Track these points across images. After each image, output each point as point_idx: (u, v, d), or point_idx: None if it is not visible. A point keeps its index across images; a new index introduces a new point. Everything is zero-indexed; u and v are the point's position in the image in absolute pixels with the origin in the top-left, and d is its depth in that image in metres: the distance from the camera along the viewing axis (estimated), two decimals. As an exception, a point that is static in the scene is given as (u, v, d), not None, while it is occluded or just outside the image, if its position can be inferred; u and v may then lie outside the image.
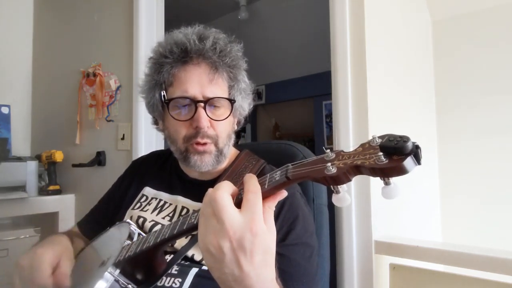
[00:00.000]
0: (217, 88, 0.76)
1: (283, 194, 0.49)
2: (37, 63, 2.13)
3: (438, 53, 1.71)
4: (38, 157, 1.82)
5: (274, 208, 0.49)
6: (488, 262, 0.92)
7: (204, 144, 0.75)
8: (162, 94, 0.77)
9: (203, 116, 0.73)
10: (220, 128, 0.77)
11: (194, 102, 0.74)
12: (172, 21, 1.29)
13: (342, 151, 0.44)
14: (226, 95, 0.78)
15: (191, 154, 0.76)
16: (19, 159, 1.75)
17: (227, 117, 0.77)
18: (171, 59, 0.76)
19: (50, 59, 2.06)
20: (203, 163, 0.76)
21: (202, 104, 0.74)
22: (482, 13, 1.61)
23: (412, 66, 1.55)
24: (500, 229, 1.50)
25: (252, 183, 0.47)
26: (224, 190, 0.46)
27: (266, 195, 0.47)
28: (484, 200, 1.56)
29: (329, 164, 0.42)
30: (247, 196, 0.45)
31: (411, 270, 1.05)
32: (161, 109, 0.80)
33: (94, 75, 1.74)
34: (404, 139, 0.38)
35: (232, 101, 0.78)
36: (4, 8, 2.05)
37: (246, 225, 0.44)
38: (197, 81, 0.74)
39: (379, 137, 0.41)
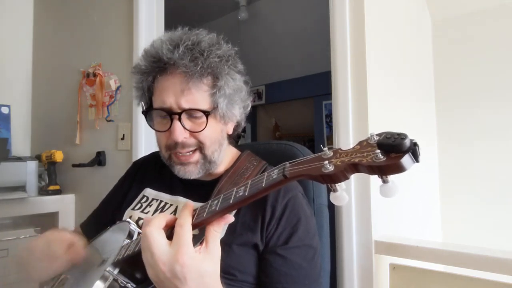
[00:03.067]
0: (193, 97, 0.71)
1: (229, 219, 0.54)
2: (37, 63, 2.13)
3: (438, 53, 1.71)
4: (38, 157, 1.82)
5: (220, 231, 0.54)
6: (488, 262, 0.92)
7: (188, 154, 0.74)
8: (141, 104, 0.77)
9: (178, 129, 0.71)
10: (203, 137, 0.74)
11: (169, 114, 0.72)
12: (172, 21, 1.29)
13: (340, 149, 0.44)
14: (206, 103, 0.72)
15: (173, 163, 0.76)
16: (19, 159, 1.75)
17: (204, 128, 0.73)
18: (148, 70, 0.75)
19: (50, 59, 2.06)
20: (187, 173, 0.76)
21: (177, 116, 0.71)
22: (482, 13, 1.60)
23: (412, 66, 1.55)
24: (500, 229, 1.50)
25: (181, 216, 0.52)
26: (153, 226, 0.52)
27: (260, 194, 0.48)
28: (484, 200, 1.56)
29: (326, 162, 0.41)
30: (176, 229, 0.51)
31: (411, 270, 1.05)
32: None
33: (94, 75, 1.74)
34: (402, 136, 0.37)
35: (206, 113, 0.72)
36: (4, 9, 2.05)
37: (174, 257, 0.49)
38: (172, 92, 0.72)
39: (377, 135, 0.41)
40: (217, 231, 0.53)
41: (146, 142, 1.55)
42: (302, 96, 3.28)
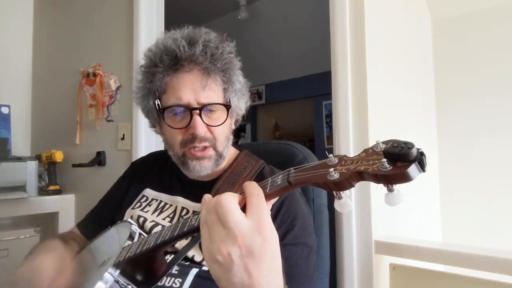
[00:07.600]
0: (211, 93, 0.74)
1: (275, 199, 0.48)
2: (37, 63, 2.13)
3: (438, 53, 1.71)
4: (38, 157, 1.82)
5: (269, 212, 0.47)
6: (488, 262, 0.92)
7: (203, 149, 0.75)
8: (157, 102, 0.76)
9: (199, 123, 0.73)
10: (218, 132, 0.76)
11: (189, 109, 0.73)
12: (172, 21, 1.29)
13: (345, 156, 0.43)
14: (221, 99, 0.76)
15: (188, 159, 0.76)
16: (19, 159, 1.75)
17: (224, 122, 0.76)
18: (162, 67, 0.74)
19: (50, 59, 2.06)
20: (202, 168, 0.76)
21: (198, 111, 0.72)
22: (482, 13, 1.60)
23: (412, 66, 1.55)
24: (500, 229, 1.50)
25: (253, 186, 0.45)
26: (229, 195, 0.44)
27: (266, 199, 0.46)
28: (484, 199, 1.56)
29: (331, 169, 0.41)
30: (251, 200, 0.44)
31: (411, 270, 1.05)
32: (156, 116, 0.79)
33: (94, 75, 1.74)
34: (409, 145, 0.37)
35: (227, 106, 0.76)
36: (4, 9, 2.05)
37: (254, 229, 0.41)
38: (191, 88, 0.73)
39: (383, 143, 0.40)
40: (268, 213, 0.46)
41: (146, 142, 1.55)
42: (302, 96, 3.29)
